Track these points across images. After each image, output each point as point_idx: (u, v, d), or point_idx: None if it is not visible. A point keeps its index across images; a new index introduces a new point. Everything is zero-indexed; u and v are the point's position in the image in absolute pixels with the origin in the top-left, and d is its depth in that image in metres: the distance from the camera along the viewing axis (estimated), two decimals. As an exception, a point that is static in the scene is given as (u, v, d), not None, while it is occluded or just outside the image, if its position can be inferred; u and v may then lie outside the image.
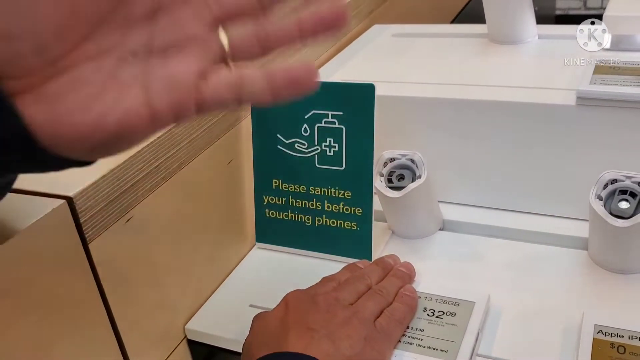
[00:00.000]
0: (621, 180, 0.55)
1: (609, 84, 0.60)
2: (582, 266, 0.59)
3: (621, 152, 0.60)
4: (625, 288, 0.56)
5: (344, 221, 0.63)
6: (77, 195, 0.45)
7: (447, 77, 0.71)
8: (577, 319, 0.52)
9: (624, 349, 0.48)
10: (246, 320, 0.58)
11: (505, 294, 0.57)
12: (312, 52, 0.79)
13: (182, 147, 0.56)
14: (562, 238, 0.63)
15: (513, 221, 0.66)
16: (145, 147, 0.52)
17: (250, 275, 0.65)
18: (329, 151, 0.63)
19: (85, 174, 0.48)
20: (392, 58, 0.79)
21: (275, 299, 0.60)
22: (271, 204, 0.66)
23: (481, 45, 0.79)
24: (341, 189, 0.63)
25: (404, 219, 0.66)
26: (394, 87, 0.69)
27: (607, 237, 0.56)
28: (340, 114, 0.62)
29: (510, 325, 0.54)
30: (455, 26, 0.94)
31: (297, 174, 0.65)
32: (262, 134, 0.65)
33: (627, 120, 0.59)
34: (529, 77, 0.69)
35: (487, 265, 0.62)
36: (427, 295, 0.55)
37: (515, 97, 0.63)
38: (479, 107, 0.64)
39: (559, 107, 0.61)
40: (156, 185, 0.54)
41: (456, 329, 0.52)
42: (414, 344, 0.51)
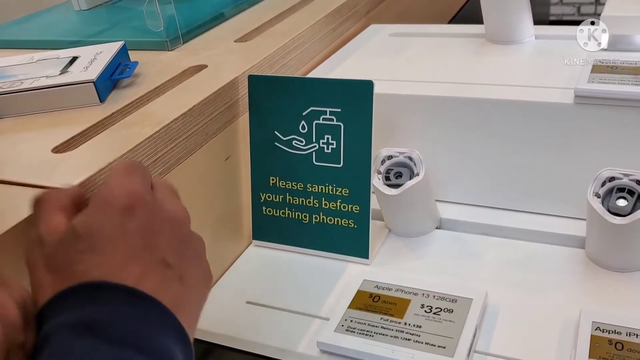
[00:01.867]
0: (619, 178, 0.55)
1: (606, 83, 0.60)
2: (579, 264, 0.59)
3: (619, 150, 0.60)
4: (622, 285, 0.56)
5: (341, 219, 0.63)
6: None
7: (445, 75, 0.71)
8: (575, 316, 0.52)
9: (622, 345, 0.48)
10: (243, 317, 0.58)
11: (503, 291, 0.57)
12: (309, 51, 0.79)
13: (180, 143, 0.56)
14: (559, 237, 0.63)
15: (510, 220, 0.66)
16: (143, 141, 0.52)
17: (247, 272, 0.65)
18: (326, 148, 0.63)
19: (82, 167, 0.48)
20: (389, 57, 0.79)
21: (272, 296, 0.60)
22: (268, 201, 0.66)
23: (479, 45, 0.79)
24: (339, 186, 0.63)
25: (402, 217, 0.65)
26: (391, 85, 0.69)
27: (605, 234, 0.56)
28: (338, 110, 0.62)
29: (508, 322, 0.54)
30: (452, 26, 0.94)
31: (295, 171, 0.64)
32: (259, 130, 0.65)
33: (624, 118, 0.59)
34: (526, 76, 0.69)
35: (485, 263, 0.62)
36: (425, 292, 0.55)
37: (513, 96, 0.63)
38: (477, 106, 0.64)
39: (557, 106, 0.61)
40: (153, 181, 0.54)
41: (454, 326, 0.51)
42: (412, 340, 0.51)
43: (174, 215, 0.38)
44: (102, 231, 0.34)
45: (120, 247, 0.34)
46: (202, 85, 0.63)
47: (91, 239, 0.34)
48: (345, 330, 0.52)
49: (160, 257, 0.35)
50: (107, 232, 0.34)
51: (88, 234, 0.34)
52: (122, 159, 0.48)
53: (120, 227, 0.34)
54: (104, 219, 0.35)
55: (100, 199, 0.36)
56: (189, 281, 0.37)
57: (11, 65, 0.67)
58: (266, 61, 0.70)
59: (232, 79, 0.64)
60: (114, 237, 0.34)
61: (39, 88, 0.60)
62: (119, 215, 0.35)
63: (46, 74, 0.62)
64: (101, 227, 0.34)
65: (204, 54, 0.73)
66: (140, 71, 0.68)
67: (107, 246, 0.34)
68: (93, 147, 0.52)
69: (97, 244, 0.34)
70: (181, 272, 0.36)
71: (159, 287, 0.34)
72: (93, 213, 0.35)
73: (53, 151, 0.52)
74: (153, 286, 0.33)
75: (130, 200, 0.36)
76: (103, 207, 0.35)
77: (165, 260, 0.35)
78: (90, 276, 0.32)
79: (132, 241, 0.34)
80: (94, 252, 0.33)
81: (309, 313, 0.57)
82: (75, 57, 0.66)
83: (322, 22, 0.82)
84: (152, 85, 0.64)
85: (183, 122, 0.57)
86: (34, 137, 0.56)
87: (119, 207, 0.35)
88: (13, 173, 0.48)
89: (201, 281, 0.39)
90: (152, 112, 0.58)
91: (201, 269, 0.39)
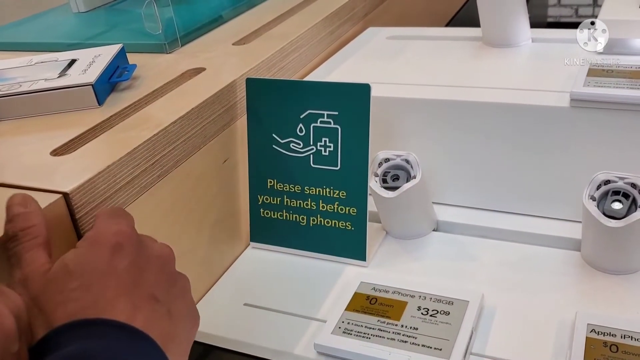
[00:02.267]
0: (614, 181, 0.56)
1: (602, 86, 0.60)
2: (574, 266, 0.60)
3: (614, 154, 0.61)
4: (618, 288, 0.56)
5: (338, 221, 0.64)
6: (73, 191, 0.46)
7: (442, 78, 0.71)
8: (571, 318, 0.52)
9: (617, 347, 0.48)
10: (240, 319, 0.58)
11: (499, 293, 0.57)
12: (307, 54, 0.79)
13: (178, 146, 0.57)
14: (555, 239, 0.63)
15: (507, 222, 0.66)
16: (141, 144, 0.52)
17: (245, 274, 0.65)
18: (324, 151, 0.63)
19: (81, 170, 0.48)
20: (386, 60, 0.79)
21: (269, 298, 0.61)
22: (266, 204, 0.66)
23: (475, 48, 0.80)
24: (336, 188, 0.63)
25: (398, 219, 0.66)
26: (389, 89, 0.69)
27: (600, 237, 0.57)
28: (335, 113, 0.62)
29: (504, 324, 0.54)
30: (449, 29, 0.95)
31: (292, 173, 0.65)
32: (257, 133, 0.66)
33: (619, 121, 0.60)
34: (523, 79, 0.69)
35: (481, 265, 0.62)
36: (421, 295, 0.56)
37: (509, 99, 0.64)
38: (474, 109, 0.65)
39: (552, 109, 0.62)
40: (151, 183, 0.54)
41: (450, 328, 0.52)
42: (409, 342, 0.51)
43: (160, 252, 0.40)
44: (94, 269, 0.35)
45: (111, 284, 0.35)
46: (200, 88, 0.63)
47: (83, 277, 0.35)
48: (342, 333, 0.53)
49: (150, 293, 0.37)
50: (98, 269, 0.35)
51: (80, 272, 0.35)
52: (105, 207, 0.48)
53: (110, 264, 0.36)
54: (95, 256, 0.36)
55: (89, 238, 0.37)
56: (177, 317, 0.38)
57: (10, 68, 0.67)
58: (264, 64, 0.70)
59: (230, 82, 0.64)
60: (104, 274, 0.35)
61: (38, 91, 0.60)
62: (108, 253, 0.36)
63: (45, 76, 0.63)
64: (92, 265, 0.35)
65: (202, 57, 0.73)
66: (138, 74, 0.68)
67: (98, 283, 0.35)
68: (92, 149, 0.52)
69: (90, 282, 0.35)
70: (169, 307, 0.38)
71: (149, 322, 0.35)
72: (83, 252, 0.37)
73: (52, 154, 0.52)
74: (143, 320, 0.35)
75: (119, 238, 0.37)
76: (93, 245, 0.37)
77: (154, 295, 0.37)
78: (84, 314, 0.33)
79: (122, 278, 0.36)
80: (86, 290, 0.34)
81: (306, 315, 0.58)
82: (73, 60, 0.66)
83: (320, 25, 0.82)
84: (151, 88, 0.64)
85: (181, 125, 0.57)
86: (32, 139, 0.56)
87: (108, 245, 0.36)
88: (12, 176, 0.49)
89: (188, 318, 0.40)
90: (150, 114, 0.58)
91: (187, 305, 0.40)
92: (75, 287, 0.34)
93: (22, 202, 0.40)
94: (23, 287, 0.36)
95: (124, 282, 0.35)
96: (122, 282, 0.35)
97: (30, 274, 0.36)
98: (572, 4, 2.80)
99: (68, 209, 0.46)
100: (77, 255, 0.36)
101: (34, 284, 0.36)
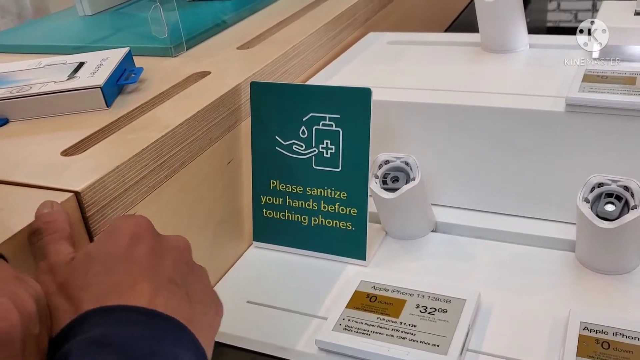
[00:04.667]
0: (607, 184, 0.57)
1: (597, 92, 0.62)
2: (569, 267, 0.61)
3: (608, 157, 0.62)
4: (610, 287, 0.58)
5: (339, 221, 0.65)
6: (84, 189, 0.47)
7: (441, 83, 0.72)
8: (564, 316, 0.54)
9: (608, 344, 0.49)
10: (244, 316, 0.60)
11: (495, 292, 0.59)
12: (309, 59, 0.81)
13: (184, 147, 0.58)
14: (550, 240, 0.65)
15: (503, 223, 0.68)
16: (149, 145, 0.54)
17: (248, 273, 0.67)
18: (325, 153, 0.65)
19: (90, 170, 0.50)
20: (387, 64, 0.81)
21: (271, 296, 0.62)
22: (269, 204, 0.68)
23: (474, 53, 0.81)
24: (337, 189, 0.65)
25: (398, 220, 0.67)
26: (389, 93, 0.71)
27: (594, 238, 0.58)
28: (337, 116, 0.64)
29: (500, 321, 0.55)
30: (448, 35, 0.96)
31: (295, 174, 0.66)
32: (261, 135, 0.67)
33: (613, 126, 0.61)
34: (520, 84, 0.71)
35: (478, 265, 0.63)
36: (420, 293, 0.57)
37: (506, 103, 0.65)
38: (472, 113, 0.66)
39: (548, 114, 0.63)
40: (159, 183, 0.55)
41: (448, 325, 0.53)
42: (407, 338, 0.52)
43: (176, 243, 0.41)
44: (115, 255, 0.37)
45: (131, 269, 0.37)
46: (205, 92, 0.65)
47: (105, 262, 0.37)
48: (343, 329, 0.54)
49: (169, 276, 0.38)
50: (119, 255, 0.38)
51: (102, 258, 0.37)
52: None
53: (129, 251, 0.38)
54: (115, 244, 0.38)
55: (109, 230, 0.40)
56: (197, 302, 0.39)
57: (20, 70, 0.68)
58: (268, 68, 0.71)
59: (235, 86, 0.65)
60: (125, 259, 0.37)
61: (48, 93, 0.61)
62: (127, 241, 0.38)
63: (54, 79, 0.64)
64: (113, 251, 0.38)
65: (207, 61, 0.75)
66: (144, 77, 0.70)
67: (119, 268, 0.37)
68: (101, 150, 0.54)
69: (111, 266, 0.37)
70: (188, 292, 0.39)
71: (169, 304, 0.36)
72: (104, 240, 0.39)
73: (62, 154, 0.54)
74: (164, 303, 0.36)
75: (137, 229, 0.39)
76: (112, 235, 0.39)
77: (173, 279, 0.38)
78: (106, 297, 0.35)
79: (142, 263, 0.38)
80: (108, 274, 0.36)
81: (308, 312, 0.59)
82: (82, 63, 0.68)
83: (322, 30, 0.84)
84: (157, 91, 0.66)
85: (188, 127, 0.58)
86: (43, 140, 0.57)
87: (127, 234, 0.39)
88: (24, 175, 0.50)
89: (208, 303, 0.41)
90: (157, 117, 0.60)
91: (206, 291, 0.41)
92: (97, 272, 0.36)
93: (48, 204, 0.44)
94: (49, 275, 0.38)
95: (143, 266, 0.37)
96: (142, 266, 0.37)
97: (56, 263, 0.38)
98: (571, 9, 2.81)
99: (79, 208, 0.47)
100: (98, 243, 0.39)
101: (60, 271, 0.38)
